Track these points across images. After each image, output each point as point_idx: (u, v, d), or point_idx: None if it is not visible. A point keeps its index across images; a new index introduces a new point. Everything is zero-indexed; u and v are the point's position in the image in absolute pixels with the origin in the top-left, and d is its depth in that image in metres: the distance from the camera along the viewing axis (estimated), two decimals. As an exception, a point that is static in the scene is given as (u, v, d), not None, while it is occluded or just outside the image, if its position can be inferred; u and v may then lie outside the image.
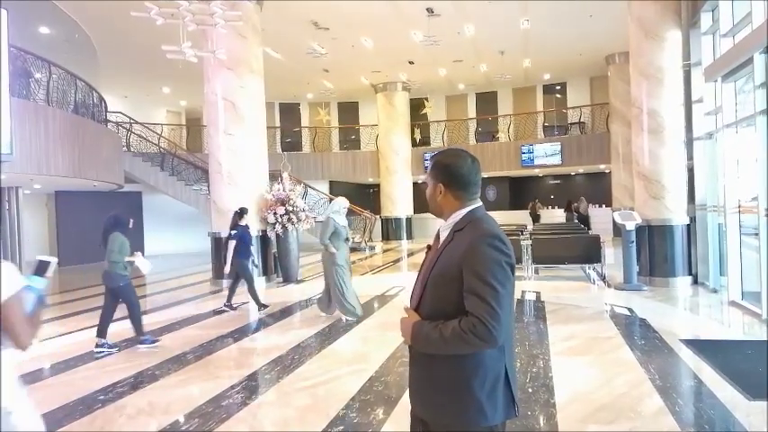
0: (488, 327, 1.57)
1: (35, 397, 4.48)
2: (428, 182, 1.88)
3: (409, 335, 1.74)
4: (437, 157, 1.88)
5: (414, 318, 1.76)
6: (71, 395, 4.42)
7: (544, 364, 4.84)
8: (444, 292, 1.71)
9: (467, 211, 1.80)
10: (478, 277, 1.62)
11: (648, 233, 8.94)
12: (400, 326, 1.80)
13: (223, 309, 8.00)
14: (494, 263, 1.63)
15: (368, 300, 8.45)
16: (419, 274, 1.88)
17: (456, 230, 1.77)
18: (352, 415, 3.82)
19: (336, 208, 7.13)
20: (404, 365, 5.01)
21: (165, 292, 10.31)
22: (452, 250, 1.72)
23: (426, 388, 1.77)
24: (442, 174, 1.83)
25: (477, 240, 1.67)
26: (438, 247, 1.83)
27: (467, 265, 1.65)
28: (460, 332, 1.59)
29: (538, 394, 4.10)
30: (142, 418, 3.95)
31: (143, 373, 5.01)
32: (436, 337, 1.65)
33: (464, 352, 1.66)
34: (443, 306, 1.70)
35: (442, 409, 1.72)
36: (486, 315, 1.57)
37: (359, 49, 15.09)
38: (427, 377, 1.76)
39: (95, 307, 8.66)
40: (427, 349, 1.72)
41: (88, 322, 7.44)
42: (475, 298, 1.61)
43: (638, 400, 3.94)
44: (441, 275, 1.73)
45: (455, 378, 1.69)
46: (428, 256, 1.88)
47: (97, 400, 4.29)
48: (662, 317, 6.68)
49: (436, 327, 1.66)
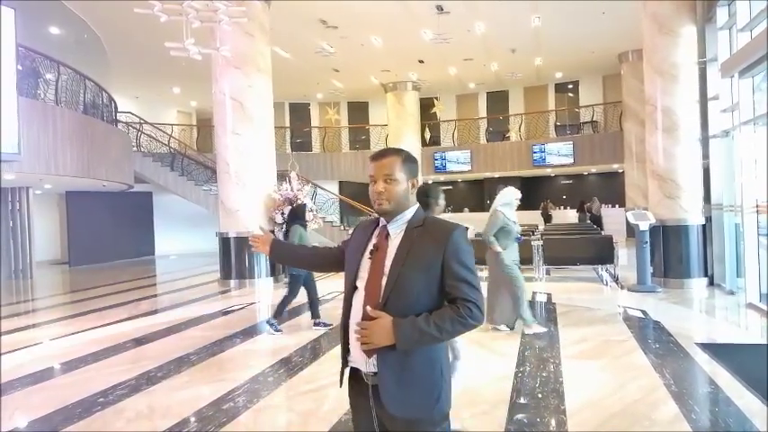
0: (481, 308, 1.71)
1: (35, 398, 4.44)
2: (399, 178, 1.78)
3: (389, 335, 1.65)
4: (403, 152, 1.85)
5: (386, 318, 1.67)
6: (70, 397, 4.35)
7: (555, 368, 4.70)
8: (420, 286, 1.71)
9: (417, 208, 1.85)
10: (464, 266, 1.72)
11: (663, 233, 8.74)
12: (368, 331, 1.66)
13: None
14: (470, 252, 1.76)
15: (376, 301, 8.33)
16: (362, 274, 1.79)
17: (414, 227, 1.78)
18: (355, 420, 3.71)
19: (507, 199, 6.04)
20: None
21: (173, 293, 10.27)
22: (425, 245, 1.74)
23: (403, 385, 1.72)
24: (414, 170, 1.85)
25: (455, 234, 1.74)
26: (399, 245, 1.76)
27: (452, 256, 1.71)
28: (459, 319, 1.67)
29: (548, 400, 3.96)
30: (140, 421, 3.86)
31: (145, 374, 4.94)
32: (431, 330, 1.66)
33: (456, 336, 1.80)
34: (419, 300, 1.71)
35: (418, 399, 1.72)
36: (479, 299, 1.71)
37: (368, 48, 14.99)
38: (403, 373, 1.72)
39: (104, 307, 8.69)
40: (418, 345, 1.69)
41: (94, 323, 7.42)
42: (466, 285, 1.70)
43: (652, 407, 3.79)
44: (418, 270, 1.72)
45: (431, 367, 1.75)
46: (377, 256, 1.78)
47: (96, 403, 4.22)
48: (677, 319, 6.50)
49: (428, 319, 1.67)
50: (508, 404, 3.88)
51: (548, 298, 8.04)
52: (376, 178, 1.79)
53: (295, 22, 12.70)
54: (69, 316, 8.14)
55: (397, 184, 1.78)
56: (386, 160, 1.80)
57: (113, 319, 7.66)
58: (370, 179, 1.82)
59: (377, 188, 1.78)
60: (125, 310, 8.35)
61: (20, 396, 4.54)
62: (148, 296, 10.07)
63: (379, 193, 1.78)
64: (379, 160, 1.81)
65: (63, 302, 9.71)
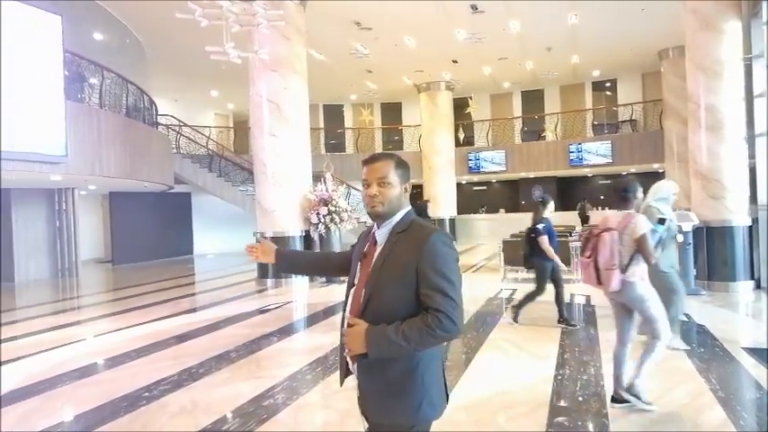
0: (453, 319, 1.63)
1: (82, 392, 4.60)
2: (393, 182, 1.78)
3: (362, 343, 1.66)
4: (396, 157, 1.84)
5: (363, 325, 1.68)
6: (117, 391, 4.50)
7: (595, 371, 4.61)
8: (396, 293, 1.70)
9: (405, 212, 1.82)
10: (439, 274, 1.66)
11: (707, 235, 8.48)
12: (346, 337, 1.70)
13: (565, 326, 6.20)
14: (450, 259, 1.70)
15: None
16: (355, 281, 1.83)
17: (398, 232, 1.77)
18: (393, 419, 3.72)
19: (663, 194, 5.04)
20: (448, 369, 4.88)
21: (211, 291, 10.49)
22: (403, 250, 1.72)
23: (384, 394, 1.73)
24: (407, 174, 1.84)
25: (433, 239, 1.70)
26: (380, 250, 1.77)
27: (426, 262, 1.67)
28: (427, 330, 1.62)
29: (589, 404, 3.90)
30: (184, 416, 3.96)
31: (187, 370, 5.06)
32: (399, 340, 1.63)
33: (428, 347, 1.70)
34: (395, 307, 1.69)
35: (397, 407, 1.72)
36: (450, 309, 1.63)
37: (402, 48, 15.00)
38: (383, 383, 1.73)
39: (146, 304, 8.94)
40: (389, 354, 1.67)
41: (137, 320, 7.64)
42: (438, 294, 1.64)
43: (698, 412, 3.69)
44: (394, 276, 1.71)
45: (410, 375, 1.72)
46: (365, 262, 1.81)
47: (141, 398, 4.35)
48: (722, 323, 6.30)
49: (398, 329, 1.64)
50: (548, 407, 3.83)
51: (586, 300, 7.90)
52: (369, 182, 1.80)
53: (329, 25, 12.81)
54: (113, 313, 8.40)
55: (391, 188, 1.78)
56: (379, 164, 1.80)
57: (155, 316, 7.87)
58: (363, 183, 1.82)
59: (370, 191, 1.79)
60: (166, 308, 8.57)
61: (68, 389, 4.71)
62: (188, 294, 10.31)
63: (373, 197, 1.78)
64: (372, 164, 1.81)
65: (107, 300, 10.02)
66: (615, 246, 3.64)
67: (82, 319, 8.12)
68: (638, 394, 3.72)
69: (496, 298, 8.44)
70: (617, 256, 3.64)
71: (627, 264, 3.66)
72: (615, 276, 3.62)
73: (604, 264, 3.65)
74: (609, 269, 3.64)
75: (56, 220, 13.60)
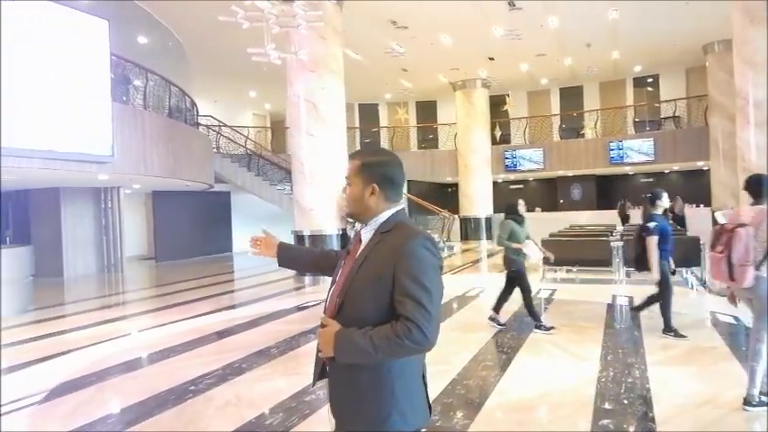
0: (424, 331, 1.52)
1: (130, 385, 4.75)
2: (354, 182, 1.76)
3: (332, 346, 1.60)
4: (367, 157, 1.78)
5: (335, 327, 1.62)
6: (163, 385, 4.63)
7: (640, 374, 4.51)
8: (371, 296, 1.62)
9: (393, 212, 1.73)
10: (414, 280, 1.56)
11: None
12: (319, 338, 1.66)
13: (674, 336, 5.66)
14: (429, 265, 1.59)
15: (447, 300, 8.32)
16: (335, 281, 1.79)
17: (383, 232, 1.69)
18: (434, 417, 3.72)
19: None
20: (487, 369, 4.86)
21: (250, 288, 10.67)
22: (382, 252, 1.64)
23: (351, 400, 1.66)
24: (377, 174, 1.74)
25: (412, 242, 1.61)
26: (361, 250, 1.72)
27: (401, 267, 1.58)
28: (395, 338, 1.52)
29: (634, 407, 3.81)
30: (229, 409, 4.05)
31: (230, 365, 5.17)
32: (366, 346, 1.54)
33: (397, 358, 1.60)
34: (368, 311, 1.61)
35: (365, 416, 1.64)
36: (422, 319, 1.52)
37: (438, 46, 14.95)
38: (351, 388, 1.65)
39: (188, 300, 9.17)
40: (355, 360, 1.59)
41: (180, 315, 7.85)
42: (410, 301, 1.54)
43: (751, 418, 3.56)
44: (369, 278, 1.63)
45: (379, 384, 1.62)
46: (347, 262, 1.77)
47: (187, 391, 4.47)
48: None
49: (365, 335, 1.56)
50: (592, 409, 3.77)
51: (629, 301, 7.72)
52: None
53: (365, 24, 12.86)
54: (157, 308, 8.64)
55: (352, 188, 1.76)
56: (349, 163, 1.79)
57: (197, 312, 8.07)
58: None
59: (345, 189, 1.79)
60: (207, 304, 8.77)
61: (117, 382, 4.87)
62: (228, 291, 10.52)
63: (345, 196, 1.78)
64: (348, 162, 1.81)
65: (150, 296, 10.32)
66: (750, 241, 3.57)
67: (127, 314, 8.39)
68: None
69: (535, 298, 8.29)
70: (752, 252, 3.57)
71: (761, 260, 3.57)
72: (749, 272, 3.56)
73: (739, 260, 3.59)
74: (743, 265, 3.58)
75: (102, 218, 14.06)
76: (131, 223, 17.11)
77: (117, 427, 3.83)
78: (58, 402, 4.36)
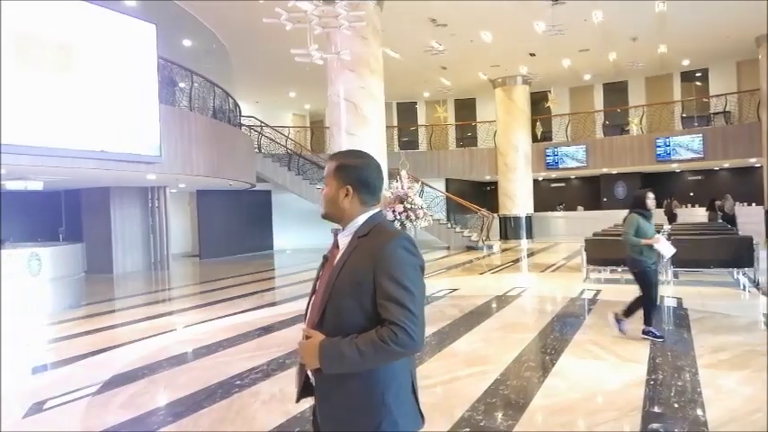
0: (410, 333, 1.49)
1: (181, 378, 4.90)
2: (330, 183, 1.72)
3: (315, 357, 1.56)
4: (344, 159, 1.74)
5: (317, 338, 1.59)
6: (211, 379, 4.76)
7: (691, 377, 4.38)
8: (353, 303, 1.58)
9: (369, 216, 1.70)
10: (395, 282, 1.53)
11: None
12: (301, 350, 1.62)
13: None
14: (409, 266, 1.57)
15: (488, 300, 8.26)
16: (316, 290, 1.75)
17: (360, 236, 1.65)
18: (478, 417, 3.71)
19: None
20: (530, 370, 4.80)
21: (291, 285, 10.84)
22: (360, 256, 1.60)
23: (341, 411, 1.62)
24: (352, 176, 1.70)
25: (391, 243, 1.58)
26: (339, 256, 1.68)
27: (381, 269, 1.55)
28: (381, 344, 1.49)
29: (686, 410, 3.71)
30: (275, 404, 4.14)
31: (274, 361, 5.27)
32: (353, 355, 1.51)
33: (385, 363, 1.56)
34: (352, 319, 1.58)
35: (355, 425, 1.59)
36: (407, 321, 1.49)
37: (477, 43, 14.81)
38: (340, 399, 1.61)
39: (231, 297, 9.38)
40: (342, 369, 1.55)
41: (225, 311, 8.04)
42: (393, 305, 1.51)
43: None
44: (349, 285, 1.59)
45: (369, 392, 1.58)
46: (326, 269, 1.73)
47: (234, 385, 4.58)
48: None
49: (351, 342, 1.52)
50: (641, 412, 3.68)
51: (678, 303, 7.49)
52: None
53: (404, 23, 12.85)
54: (202, 305, 8.88)
55: (327, 189, 1.73)
56: (328, 164, 1.76)
57: (241, 308, 8.25)
58: None
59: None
60: (250, 301, 8.96)
61: (168, 375, 5.04)
62: (269, 288, 10.72)
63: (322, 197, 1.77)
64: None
65: (196, 292, 10.60)
66: None
67: (174, 310, 8.65)
68: None
69: (579, 299, 8.18)
70: None
71: None
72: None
73: None
74: None
75: (149, 216, 14.52)
76: (176, 221, 17.61)
77: (168, 418, 3.96)
78: (113, 393, 4.54)
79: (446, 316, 7.09)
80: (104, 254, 13.63)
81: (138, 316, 8.01)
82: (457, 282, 10.34)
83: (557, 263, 12.83)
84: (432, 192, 17.63)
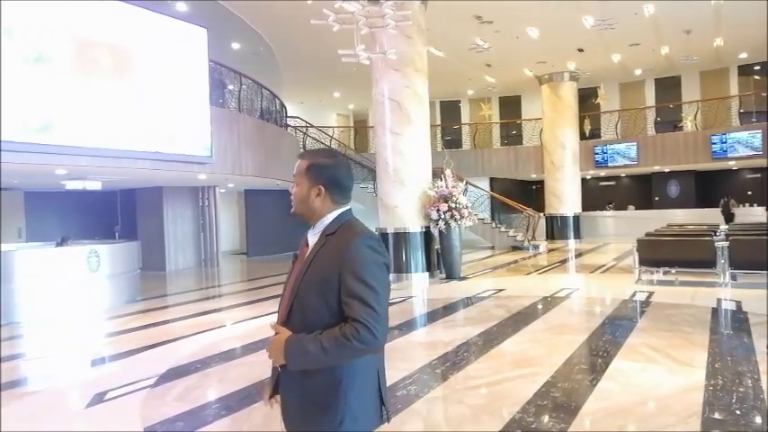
0: (372, 331, 1.51)
1: (232, 373, 5.03)
2: (301, 182, 1.74)
3: (282, 353, 1.59)
4: (315, 158, 1.77)
5: (284, 334, 1.61)
6: (262, 374, 4.85)
7: (753, 383, 4.19)
8: (319, 300, 1.61)
9: (338, 214, 1.73)
10: (359, 279, 1.55)
11: None
12: (269, 347, 1.65)
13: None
14: (373, 264, 1.59)
15: (535, 301, 8.13)
16: (286, 287, 1.76)
17: (328, 234, 1.68)
18: (529, 420, 3.66)
19: None
20: (581, 373, 4.71)
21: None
22: (327, 254, 1.63)
23: (303, 407, 1.64)
24: (324, 176, 1.73)
25: (356, 242, 1.60)
26: (308, 254, 1.70)
27: (346, 267, 1.57)
28: (344, 340, 1.51)
29: (748, 417, 3.56)
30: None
31: (322, 358, 5.34)
32: (316, 351, 1.53)
33: (349, 360, 1.59)
34: (318, 315, 1.60)
35: (318, 422, 1.61)
36: (369, 319, 1.51)
37: (523, 40, 14.58)
38: (303, 395, 1.63)
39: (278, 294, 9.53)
40: (307, 366, 1.58)
41: (273, 308, 8.18)
42: (356, 302, 1.53)
43: None
44: (315, 282, 1.62)
45: (331, 390, 1.60)
46: (296, 266, 1.75)
47: (284, 381, 4.66)
48: None
49: (315, 339, 1.54)
50: (700, 418, 3.55)
51: (737, 306, 7.17)
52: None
53: (449, 21, 12.77)
54: (251, 301, 9.09)
55: (298, 188, 1.75)
56: (298, 162, 1.77)
57: (288, 306, 8.38)
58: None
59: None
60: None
61: (220, 370, 5.19)
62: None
63: (291, 195, 1.77)
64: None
65: (244, 289, 10.86)
66: None
67: (225, 306, 8.88)
68: None
69: (631, 301, 7.94)
70: None
71: None
72: None
73: None
74: None
75: (199, 216, 14.96)
76: (225, 220, 18.07)
77: (222, 411, 4.08)
78: (169, 386, 4.70)
79: (493, 316, 7.02)
80: (158, 251, 14.11)
81: (190, 312, 8.26)
82: (502, 282, 10.22)
83: (606, 264, 12.50)
84: (476, 191, 17.46)
